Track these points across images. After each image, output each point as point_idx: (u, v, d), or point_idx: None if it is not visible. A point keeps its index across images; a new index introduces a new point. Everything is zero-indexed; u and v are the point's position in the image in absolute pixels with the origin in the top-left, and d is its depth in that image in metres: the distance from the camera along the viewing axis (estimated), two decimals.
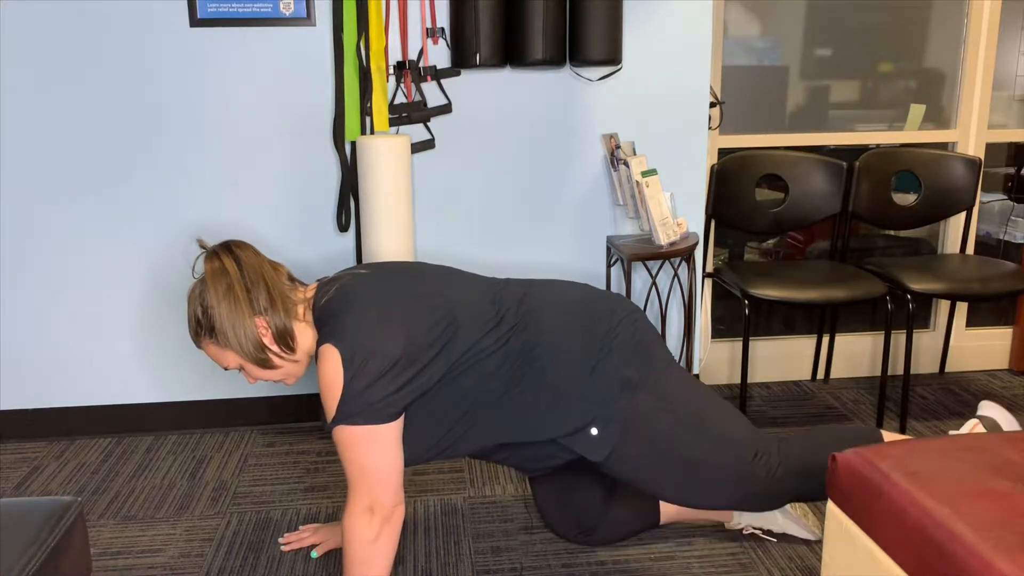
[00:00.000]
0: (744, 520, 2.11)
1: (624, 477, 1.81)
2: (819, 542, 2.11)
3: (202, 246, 1.81)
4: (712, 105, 2.90)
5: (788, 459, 1.83)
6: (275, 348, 1.77)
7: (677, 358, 2.92)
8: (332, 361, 1.66)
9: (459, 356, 1.73)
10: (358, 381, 1.65)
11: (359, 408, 1.65)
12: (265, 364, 1.77)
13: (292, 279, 1.84)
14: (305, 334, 1.79)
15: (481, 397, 1.76)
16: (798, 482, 1.83)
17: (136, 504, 2.35)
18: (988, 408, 2.01)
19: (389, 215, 2.42)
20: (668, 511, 2.09)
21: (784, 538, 2.13)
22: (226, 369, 1.81)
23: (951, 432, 1.97)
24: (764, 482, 1.81)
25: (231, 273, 1.73)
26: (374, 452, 1.68)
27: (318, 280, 1.86)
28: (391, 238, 2.44)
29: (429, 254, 2.77)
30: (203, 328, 1.75)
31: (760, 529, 2.13)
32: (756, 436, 1.84)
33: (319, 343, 1.71)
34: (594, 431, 1.76)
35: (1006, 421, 1.96)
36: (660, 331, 2.87)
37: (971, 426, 1.97)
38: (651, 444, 1.77)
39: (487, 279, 1.92)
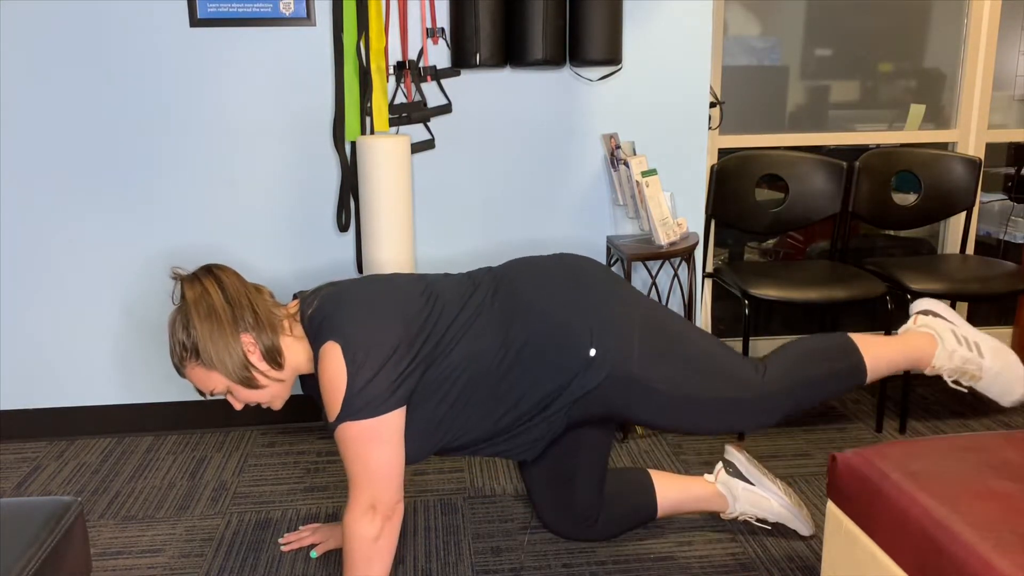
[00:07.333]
0: (739, 508, 2.12)
1: (619, 403, 1.80)
2: (815, 538, 2.11)
3: (177, 275, 1.79)
4: (712, 105, 2.90)
5: (773, 367, 1.84)
6: (263, 366, 1.76)
7: None
8: (334, 358, 1.67)
9: (447, 328, 1.76)
10: (362, 374, 1.66)
11: (363, 403, 1.66)
12: (251, 384, 1.76)
13: (274, 299, 1.84)
14: (293, 349, 1.79)
15: (477, 364, 1.76)
16: (788, 388, 1.82)
17: (136, 504, 2.35)
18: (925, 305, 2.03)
19: (389, 215, 2.42)
20: (665, 504, 2.10)
21: (779, 529, 2.13)
22: (211, 394, 1.79)
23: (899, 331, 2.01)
24: (757, 387, 1.81)
25: (213, 295, 1.73)
26: (379, 447, 1.69)
27: (296, 295, 1.87)
28: (391, 238, 2.44)
29: (428, 254, 2.78)
30: (188, 351, 1.73)
31: (755, 518, 2.13)
32: (739, 364, 1.85)
33: (317, 345, 1.72)
34: (592, 352, 1.75)
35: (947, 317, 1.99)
36: None
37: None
38: (643, 363, 1.77)
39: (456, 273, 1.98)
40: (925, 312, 2.00)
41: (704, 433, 1.85)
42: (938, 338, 1.92)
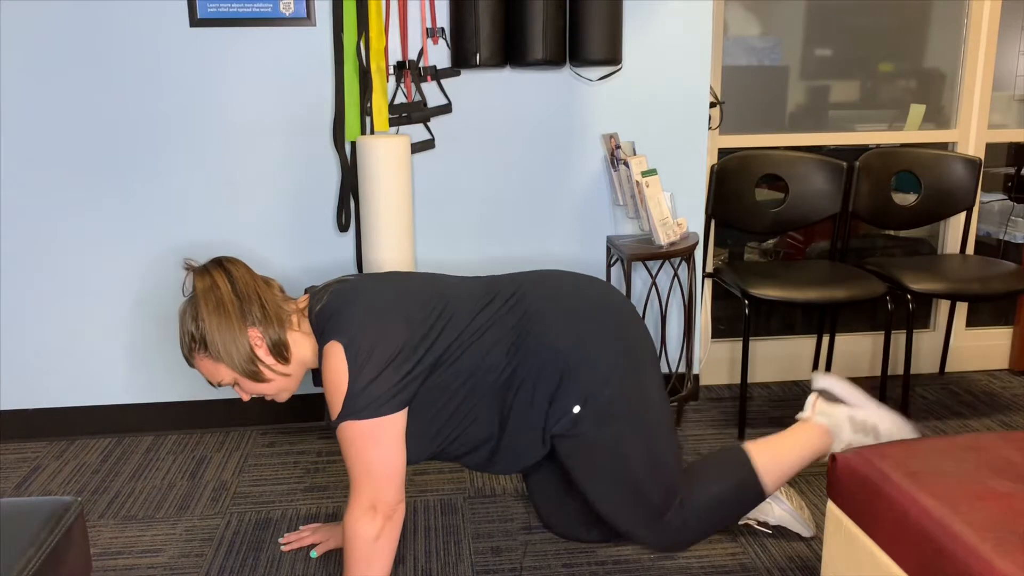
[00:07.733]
0: None
1: (566, 455, 1.81)
2: (815, 538, 2.11)
3: (189, 267, 1.81)
4: (712, 105, 2.90)
5: (690, 504, 1.84)
6: (269, 360, 1.77)
7: (677, 358, 2.92)
8: (336, 356, 1.68)
9: (456, 336, 1.75)
10: (365, 374, 1.66)
11: (365, 403, 1.66)
12: (257, 377, 1.77)
13: (283, 292, 1.85)
14: (300, 344, 1.80)
15: (481, 377, 1.77)
16: (698, 524, 1.84)
17: (136, 504, 2.35)
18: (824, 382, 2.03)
19: (389, 215, 2.42)
20: None
21: (780, 531, 2.13)
22: (219, 385, 1.81)
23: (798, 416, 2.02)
24: (679, 512, 1.83)
25: (222, 288, 1.74)
26: (379, 447, 1.69)
27: (307, 290, 1.87)
28: (391, 238, 2.44)
29: (428, 254, 2.78)
30: (196, 343, 1.75)
31: (755, 521, 2.13)
32: (679, 478, 1.84)
33: (322, 343, 1.72)
34: (576, 409, 1.76)
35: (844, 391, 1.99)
36: (660, 331, 2.87)
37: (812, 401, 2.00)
38: (612, 439, 1.77)
39: (477, 276, 1.97)
40: (824, 392, 2.00)
41: (613, 524, 1.85)
42: (834, 433, 1.93)
